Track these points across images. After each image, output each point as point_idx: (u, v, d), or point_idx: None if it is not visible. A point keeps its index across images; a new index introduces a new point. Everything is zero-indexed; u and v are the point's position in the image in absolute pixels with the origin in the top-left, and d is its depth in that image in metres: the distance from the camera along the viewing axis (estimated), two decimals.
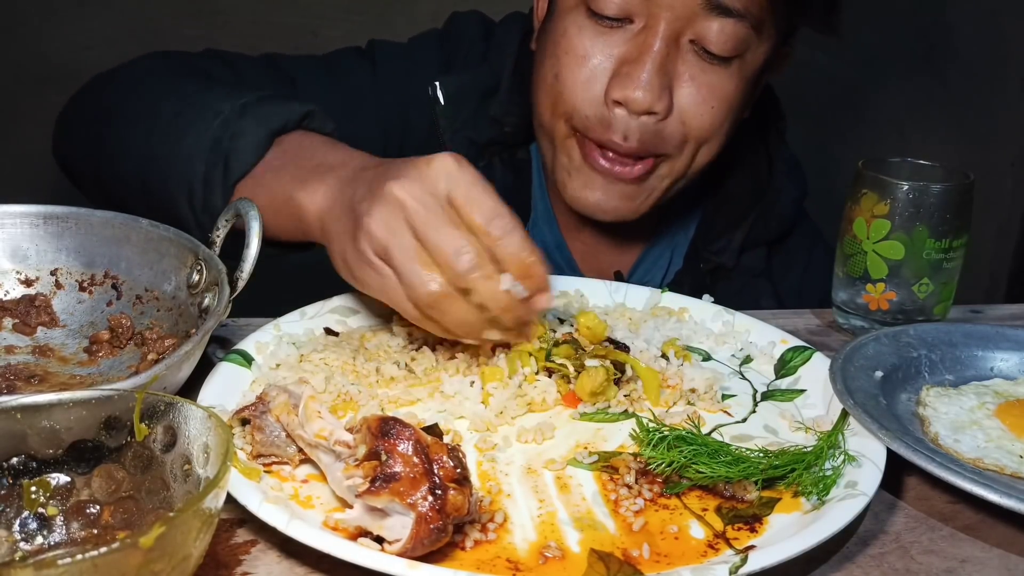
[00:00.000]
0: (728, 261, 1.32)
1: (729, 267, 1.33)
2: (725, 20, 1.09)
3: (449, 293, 0.82)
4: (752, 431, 0.89)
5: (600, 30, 1.12)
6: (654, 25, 1.10)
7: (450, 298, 0.83)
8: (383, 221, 0.83)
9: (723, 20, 1.09)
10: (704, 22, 1.09)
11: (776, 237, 1.37)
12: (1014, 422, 0.88)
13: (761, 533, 0.74)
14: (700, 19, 1.09)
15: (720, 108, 1.15)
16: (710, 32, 1.10)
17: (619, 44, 1.12)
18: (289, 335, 0.96)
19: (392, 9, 2.35)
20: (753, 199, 1.33)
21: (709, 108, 1.14)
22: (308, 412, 0.75)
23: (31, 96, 2.23)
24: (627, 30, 1.12)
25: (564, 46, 1.14)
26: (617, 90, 1.11)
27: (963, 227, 1.07)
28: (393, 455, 0.68)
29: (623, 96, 1.11)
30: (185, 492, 0.66)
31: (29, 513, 0.65)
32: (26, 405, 0.66)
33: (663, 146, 1.15)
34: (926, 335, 1.01)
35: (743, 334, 1.04)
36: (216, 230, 0.96)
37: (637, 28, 1.11)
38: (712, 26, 1.10)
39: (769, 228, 1.35)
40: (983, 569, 0.74)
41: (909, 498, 0.82)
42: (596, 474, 0.81)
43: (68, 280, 0.98)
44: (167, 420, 0.67)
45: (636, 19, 1.11)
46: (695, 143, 1.17)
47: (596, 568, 0.69)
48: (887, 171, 1.09)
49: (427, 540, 0.66)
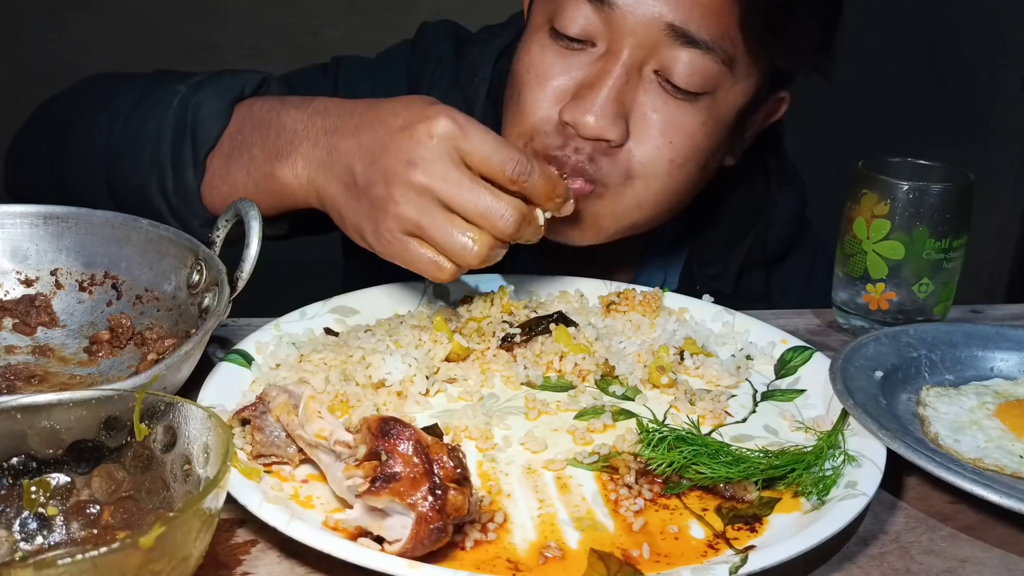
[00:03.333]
0: (726, 288, 1.26)
1: (727, 294, 1.25)
2: (692, 51, 1.02)
3: (493, 248, 0.89)
4: (752, 431, 0.89)
5: (561, 52, 1.07)
6: (616, 51, 1.04)
7: (494, 255, 0.90)
8: (412, 206, 0.87)
9: (690, 51, 1.02)
10: (669, 51, 1.03)
11: (775, 258, 1.32)
12: (1014, 422, 0.88)
13: (761, 533, 0.74)
14: (665, 48, 1.03)
15: (680, 144, 1.07)
16: (676, 64, 1.03)
17: (580, 67, 1.06)
18: (289, 335, 0.96)
19: (392, 9, 2.35)
20: (750, 218, 1.27)
21: (667, 142, 1.06)
22: (308, 412, 0.75)
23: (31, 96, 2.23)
24: (589, 53, 1.06)
25: (527, 63, 1.09)
26: (568, 112, 1.05)
27: (963, 227, 1.07)
28: (393, 455, 0.68)
29: (572, 119, 1.04)
30: (185, 492, 0.66)
31: (29, 513, 0.65)
32: (26, 405, 0.66)
33: (606, 174, 1.07)
34: (926, 335, 1.01)
35: (743, 334, 1.04)
36: (216, 230, 0.96)
37: (599, 52, 1.05)
38: (679, 57, 1.03)
39: (768, 249, 1.30)
40: (983, 569, 0.74)
41: (909, 498, 0.82)
42: (596, 474, 0.81)
43: (68, 280, 0.98)
44: (167, 420, 0.67)
45: (598, 43, 1.05)
46: (643, 180, 1.08)
47: (596, 568, 0.69)
48: (887, 171, 1.09)
49: (427, 540, 0.66)
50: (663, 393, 0.94)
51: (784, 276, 1.34)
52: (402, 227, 0.89)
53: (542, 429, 0.86)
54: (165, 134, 1.04)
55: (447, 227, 0.88)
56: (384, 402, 0.87)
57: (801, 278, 1.36)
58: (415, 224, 0.88)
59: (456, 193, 0.87)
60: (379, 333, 0.96)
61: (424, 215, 0.88)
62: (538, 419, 0.88)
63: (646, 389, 0.95)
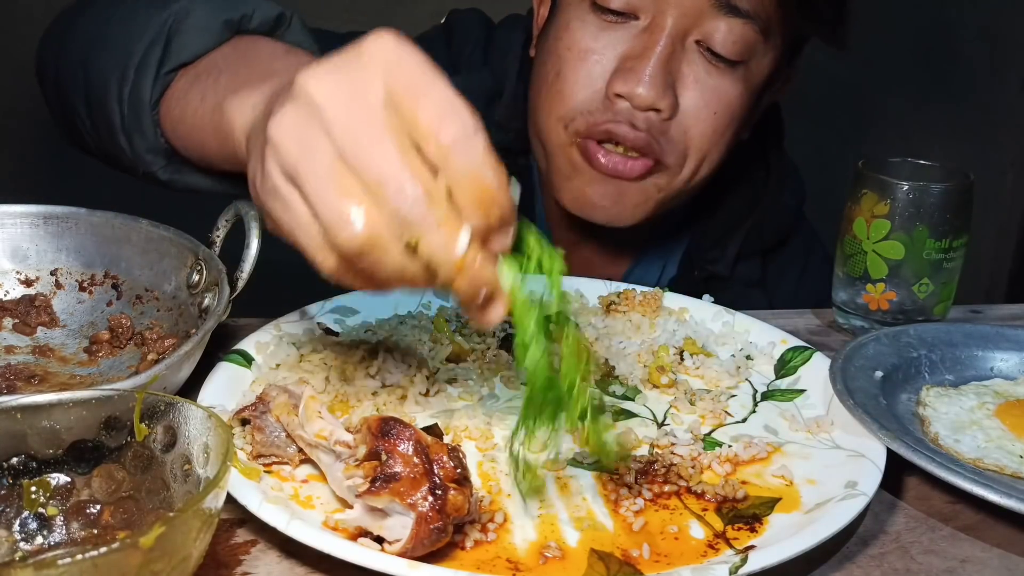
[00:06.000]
0: (723, 271, 1.30)
1: (724, 276, 1.30)
2: (734, 20, 1.06)
3: (382, 237, 0.61)
4: (752, 431, 0.89)
5: (604, 25, 1.09)
6: (660, 22, 1.07)
7: (384, 245, 0.61)
8: (293, 129, 0.61)
9: (732, 20, 1.06)
10: (712, 21, 1.07)
11: (772, 247, 1.35)
12: (1014, 422, 0.88)
13: (761, 533, 0.74)
14: (708, 18, 1.07)
15: (722, 116, 1.11)
16: (718, 32, 1.07)
17: (623, 40, 1.09)
18: (289, 335, 0.96)
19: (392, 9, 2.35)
20: (750, 208, 1.30)
21: (712, 114, 1.11)
22: (308, 412, 0.75)
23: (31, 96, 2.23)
24: (632, 26, 1.09)
25: (566, 41, 1.11)
26: (620, 84, 1.07)
27: (963, 227, 1.07)
28: (393, 455, 0.68)
29: (626, 91, 1.07)
30: (185, 492, 0.66)
31: (29, 513, 0.65)
32: (26, 405, 0.66)
33: (665, 152, 1.11)
34: (926, 335, 1.01)
35: (743, 334, 1.04)
36: (216, 230, 0.96)
37: (642, 25, 1.08)
38: (720, 26, 1.07)
39: (765, 238, 1.33)
40: (983, 569, 0.74)
41: (909, 498, 0.82)
42: (596, 474, 0.81)
43: (68, 280, 0.98)
44: (167, 420, 0.67)
45: (641, 15, 1.08)
46: (697, 155, 1.13)
47: (596, 568, 0.69)
48: (887, 171, 1.09)
49: (427, 540, 0.66)
50: (663, 393, 0.94)
51: (780, 265, 1.37)
52: (281, 166, 0.62)
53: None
54: (144, 36, 0.92)
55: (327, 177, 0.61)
56: (384, 402, 0.87)
57: (797, 267, 1.38)
58: (293, 165, 0.62)
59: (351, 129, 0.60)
60: (379, 333, 0.96)
61: (305, 152, 0.61)
62: None
63: (646, 389, 0.95)
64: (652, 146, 1.10)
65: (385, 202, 0.60)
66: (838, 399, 0.88)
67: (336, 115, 0.60)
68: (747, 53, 1.09)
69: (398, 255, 0.61)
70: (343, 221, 0.60)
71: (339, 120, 0.60)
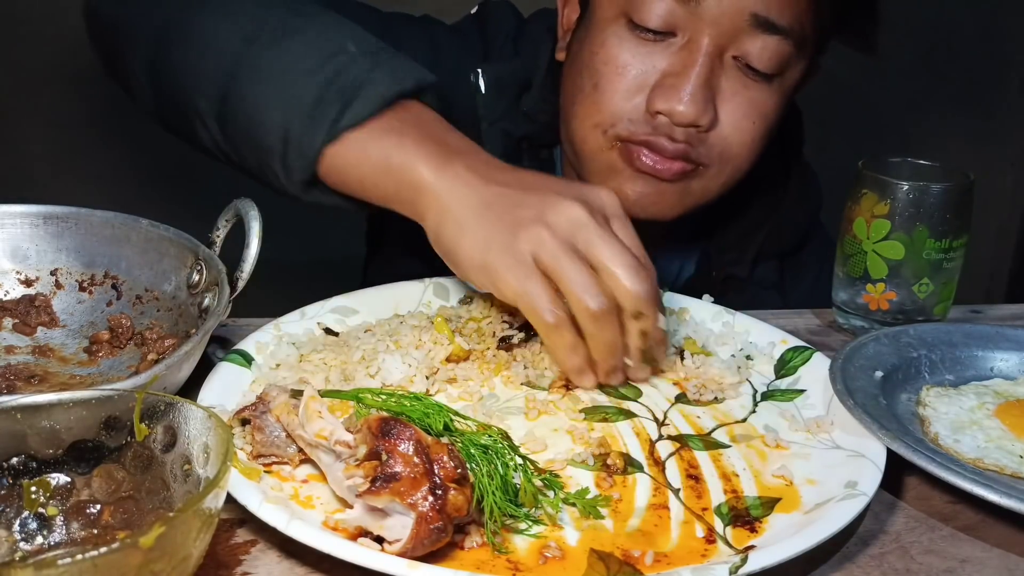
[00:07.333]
0: (741, 272, 1.31)
1: (742, 278, 1.31)
2: (771, 37, 1.08)
3: (614, 311, 0.87)
4: (752, 431, 0.89)
5: (642, 42, 1.10)
6: (698, 39, 1.08)
7: (612, 317, 0.87)
8: (557, 238, 0.86)
9: (767, 37, 1.08)
10: (749, 38, 1.08)
11: (790, 250, 1.36)
12: (1014, 422, 0.88)
13: (761, 533, 0.74)
14: (745, 36, 1.08)
15: (760, 125, 1.13)
16: (754, 49, 1.08)
17: (662, 58, 1.10)
18: (289, 335, 0.96)
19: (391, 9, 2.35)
20: (770, 212, 1.32)
21: (751, 124, 1.12)
22: (308, 412, 0.75)
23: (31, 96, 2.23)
24: (670, 43, 1.09)
25: (603, 57, 1.12)
26: (661, 102, 1.09)
27: (963, 227, 1.07)
28: (393, 455, 0.68)
29: (667, 108, 1.08)
30: (185, 492, 0.66)
31: (29, 513, 0.66)
32: (26, 405, 0.66)
33: (703, 157, 1.13)
34: (926, 335, 1.01)
35: (743, 334, 1.04)
36: (216, 230, 0.96)
37: (680, 43, 1.09)
38: (756, 43, 1.08)
39: (783, 240, 1.34)
40: (983, 569, 0.74)
41: (909, 498, 0.82)
42: (596, 474, 0.81)
43: (68, 280, 0.98)
44: (167, 420, 0.67)
45: (680, 33, 1.09)
46: (735, 161, 1.14)
47: (596, 568, 0.69)
48: (887, 171, 1.09)
49: (427, 540, 0.66)
50: (663, 393, 0.94)
51: (797, 268, 1.38)
52: (538, 249, 0.86)
53: (542, 429, 0.86)
54: (314, 79, 0.96)
55: (582, 266, 0.86)
56: None
57: (813, 271, 1.39)
58: (551, 254, 0.86)
59: (601, 237, 0.87)
60: (379, 333, 0.96)
61: (565, 252, 0.86)
62: (538, 419, 0.88)
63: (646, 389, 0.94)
64: (690, 153, 1.12)
65: (626, 292, 0.87)
66: (838, 399, 0.88)
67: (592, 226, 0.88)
68: (783, 67, 1.11)
69: (618, 328, 0.89)
70: (597, 295, 0.86)
71: (593, 230, 0.88)
